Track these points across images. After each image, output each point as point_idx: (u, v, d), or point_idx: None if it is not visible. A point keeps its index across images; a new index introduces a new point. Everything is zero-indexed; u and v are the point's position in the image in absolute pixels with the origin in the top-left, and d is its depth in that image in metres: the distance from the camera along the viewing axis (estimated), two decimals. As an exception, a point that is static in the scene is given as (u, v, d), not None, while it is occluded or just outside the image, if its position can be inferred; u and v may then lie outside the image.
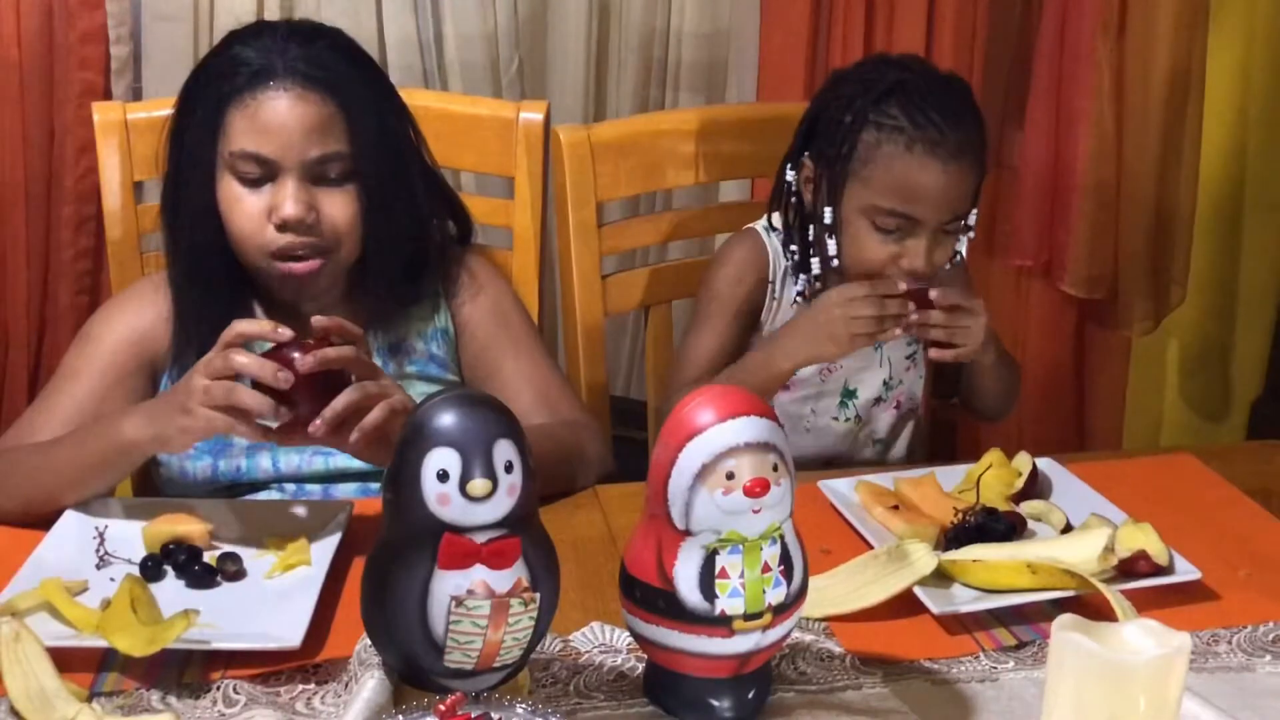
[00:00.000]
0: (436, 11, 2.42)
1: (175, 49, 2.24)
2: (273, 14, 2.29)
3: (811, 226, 1.61)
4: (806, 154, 1.62)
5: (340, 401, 1.27)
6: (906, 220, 1.54)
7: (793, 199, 1.64)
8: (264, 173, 1.43)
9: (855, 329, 1.53)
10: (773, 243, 1.68)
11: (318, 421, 1.26)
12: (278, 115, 1.42)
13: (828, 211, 1.58)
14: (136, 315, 1.52)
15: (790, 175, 1.63)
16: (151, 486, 1.59)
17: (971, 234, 1.60)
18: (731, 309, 1.67)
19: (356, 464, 1.51)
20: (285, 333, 1.28)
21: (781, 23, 2.29)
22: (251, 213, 1.43)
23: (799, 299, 1.65)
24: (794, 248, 1.64)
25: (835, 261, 1.60)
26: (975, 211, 1.59)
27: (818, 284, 1.63)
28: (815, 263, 1.62)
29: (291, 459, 1.51)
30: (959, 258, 1.62)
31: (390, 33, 2.39)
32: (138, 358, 1.51)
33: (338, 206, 1.45)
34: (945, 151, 1.52)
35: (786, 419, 1.69)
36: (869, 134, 1.55)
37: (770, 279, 1.67)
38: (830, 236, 1.59)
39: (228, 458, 1.51)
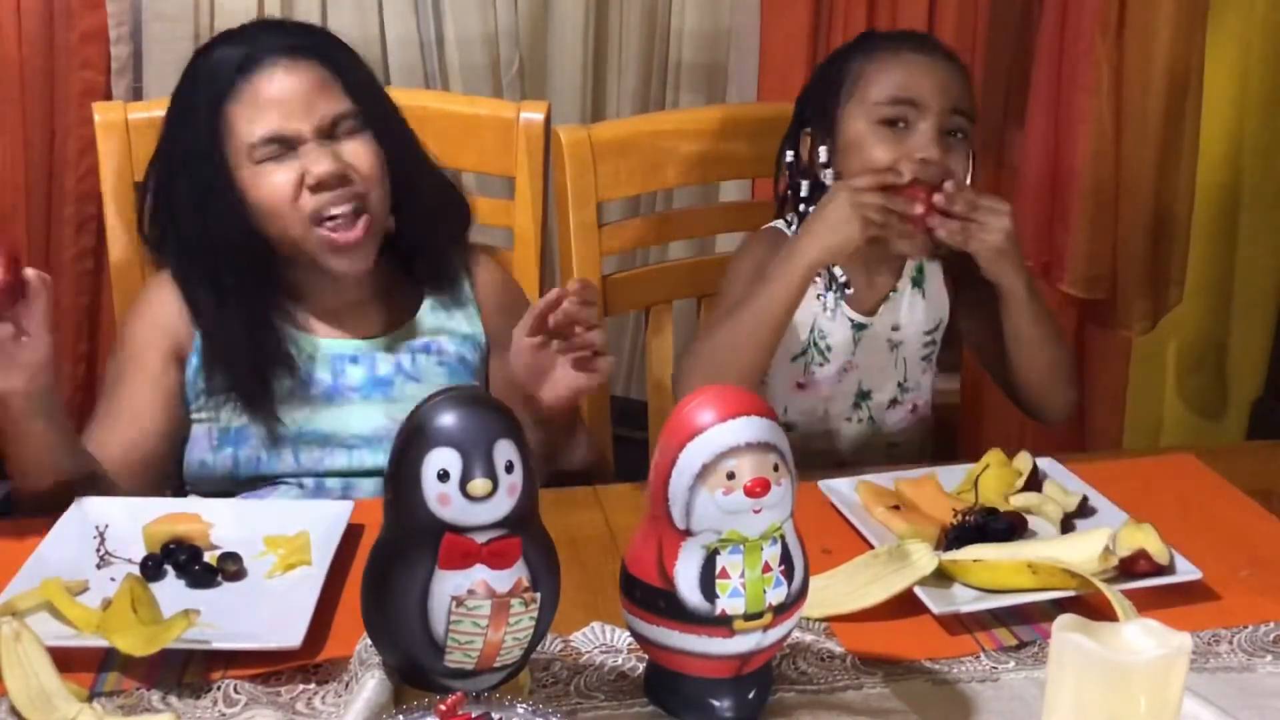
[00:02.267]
0: (437, 12, 2.42)
1: (175, 49, 2.24)
2: (273, 14, 2.29)
3: (805, 183, 1.63)
4: (802, 129, 1.65)
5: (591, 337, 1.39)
6: (909, 107, 1.56)
7: (799, 180, 1.64)
8: (284, 149, 1.46)
9: (864, 213, 1.49)
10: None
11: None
12: (278, 90, 1.46)
13: (824, 150, 1.60)
14: (154, 311, 1.54)
15: (789, 155, 1.65)
16: (175, 480, 1.59)
17: (974, 157, 1.61)
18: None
19: (376, 462, 1.52)
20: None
21: (781, 23, 2.30)
22: (284, 189, 1.46)
23: (821, 289, 1.64)
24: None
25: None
26: (973, 133, 1.60)
27: (840, 274, 1.63)
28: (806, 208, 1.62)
29: (313, 453, 1.52)
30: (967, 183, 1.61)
31: (391, 33, 2.40)
32: (165, 353, 1.53)
33: (360, 154, 1.49)
34: (930, 47, 1.60)
35: (801, 419, 1.69)
36: (855, 63, 1.60)
37: None
38: (829, 169, 1.60)
39: (249, 449, 1.52)
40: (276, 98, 1.45)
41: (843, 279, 1.64)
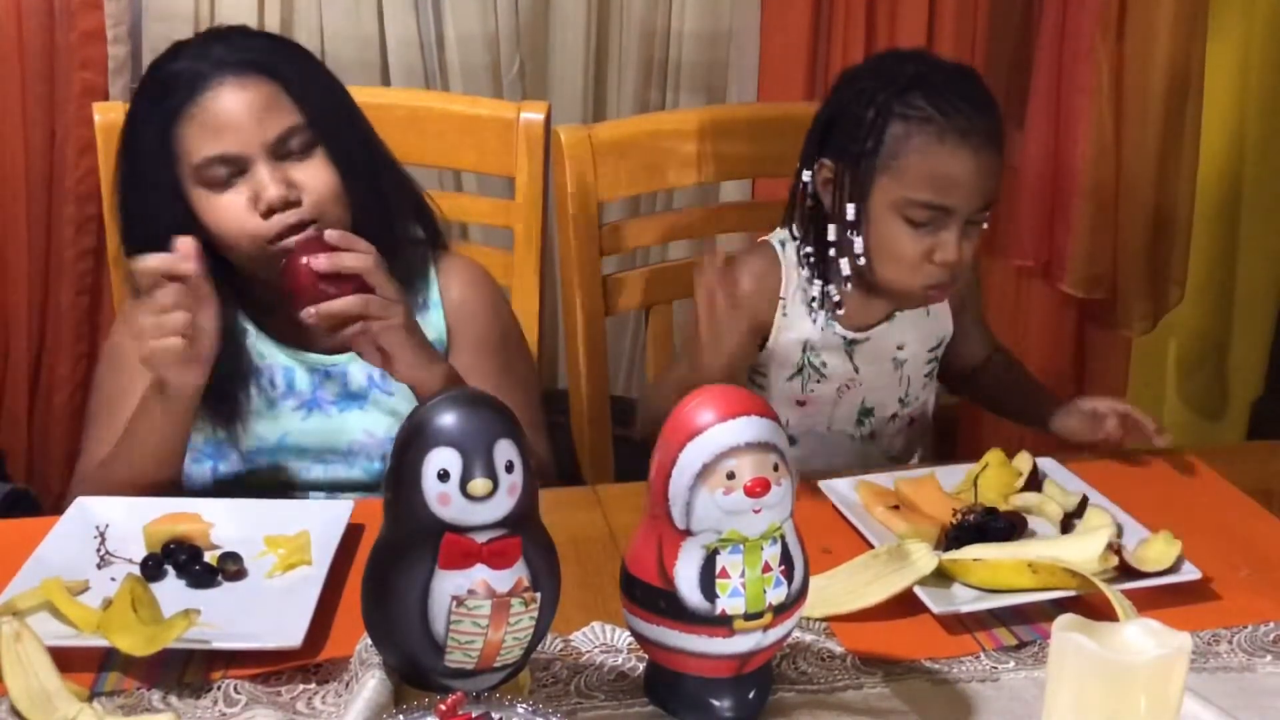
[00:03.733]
0: (437, 12, 2.42)
1: (175, 49, 2.24)
2: (272, 14, 2.30)
3: (832, 227, 1.57)
4: (824, 155, 1.58)
5: (338, 305, 1.35)
6: (940, 211, 1.52)
7: (809, 202, 1.60)
8: (233, 170, 1.42)
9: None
10: (787, 257, 1.64)
11: (312, 310, 1.35)
12: (224, 110, 1.42)
13: (850, 208, 1.55)
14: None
15: (806, 177, 1.60)
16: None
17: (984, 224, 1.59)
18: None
19: (353, 474, 1.52)
20: (187, 265, 1.33)
21: (782, 23, 2.30)
22: (234, 211, 1.43)
23: (813, 305, 1.63)
24: (810, 250, 1.61)
25: (862, 259, 1.56)
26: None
27: (847, 285, 1.60)
28: (844, 263, 1.57)
29: (291, 466, 1.52)
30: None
31: (391, 33, 2.39)
32: None
33: (313, 174, 1.45)
34: (976, 139, 1.51)
35: (803, 434, 1.69)
36: (896, 127, 1.52)
37: (782, 295, 1.64)
38: (855, 234, 1.55)
39: (228, 464, 1.52)
40: (223, 117, 1.42)
41: (835, 298, 1.61)
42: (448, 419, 0.98)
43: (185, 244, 1.34)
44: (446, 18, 2.42)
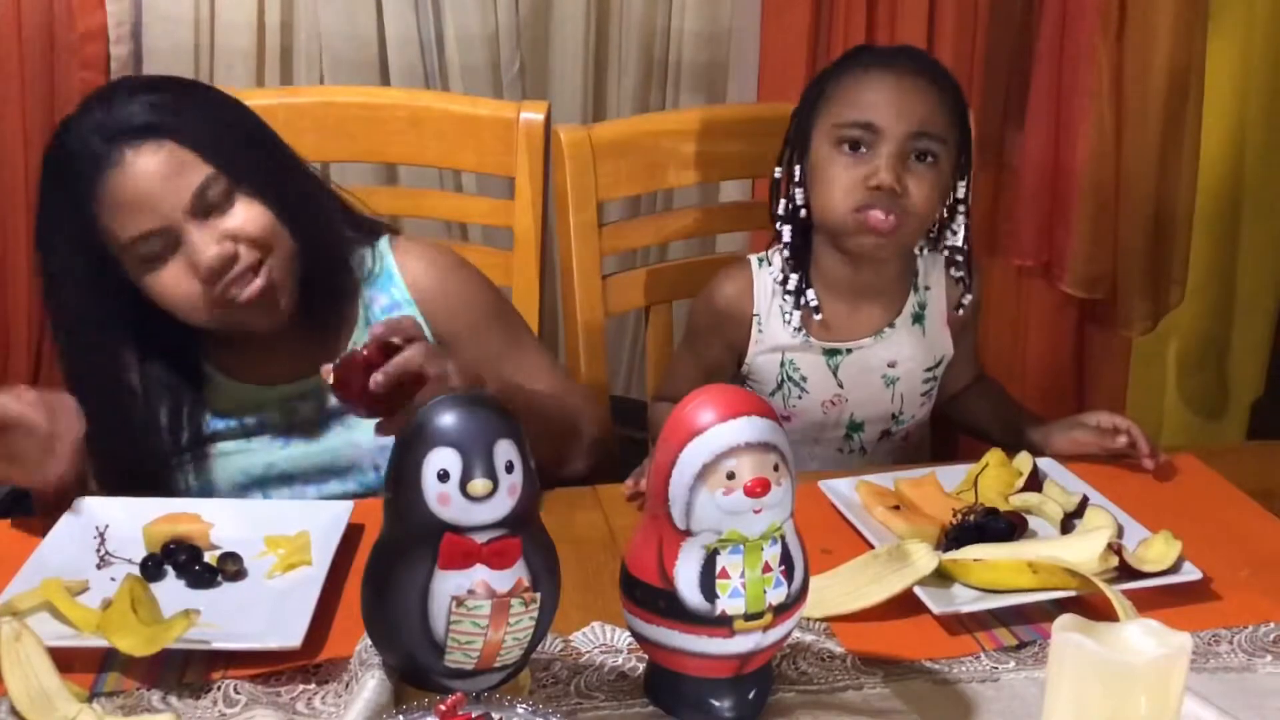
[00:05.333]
0: (437, 12, 2.42)
1: (175, 49, 2.24)
2: (272, 16, 2.29)
3: (783, 201, 1.64)
4: (787, 147, 1.65)
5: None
6: (868, 130, 1.55)
7: (782, 200, 1.64)
8: (164, 241, 1.39)
9: None
10: (761, 276, 1.66)
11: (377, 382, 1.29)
12: (134, 187, 1.37)
13: (797, 169, 1.62)
14: None
15: (776, 172, 1.65)
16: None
17: (959, 190, 1.61)
18: (711, 342, 1.68)
19: (345, 490, 1.52)
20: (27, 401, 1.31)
21: (782, 23, 2.29)
22: (179, 285, 1.40)
23: (785, 306, 1.64)
24: (784, 247, 1.64)
25: (804, 212, 1.62)
26: (962, 185, 1.61)
27: (812, 299, 1.62)
28: (786, 230, 1.63)
29: (282, 492, 1.52)
30: (969, 297, 1.67)
31: (390, 33, 2.39)
32: None
33: (243, 218, 1.40)
34: (900, 67, 1.58)
35: (791, 448, 1.68)
36: (829, 82, 1.60)
37: (755, 311, 1.66)
38: (799, 186, 1.62)
39: (218, 493, 1.51)
40: (135, 194, 1.37)
41: (814, 303, 1.62)
42: (448, 419, 0.98)
43: (29, 399, 1.32)
44: (446, 17, 2.41)
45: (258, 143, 1.47)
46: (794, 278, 1.63)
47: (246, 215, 1.41)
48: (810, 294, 1.62)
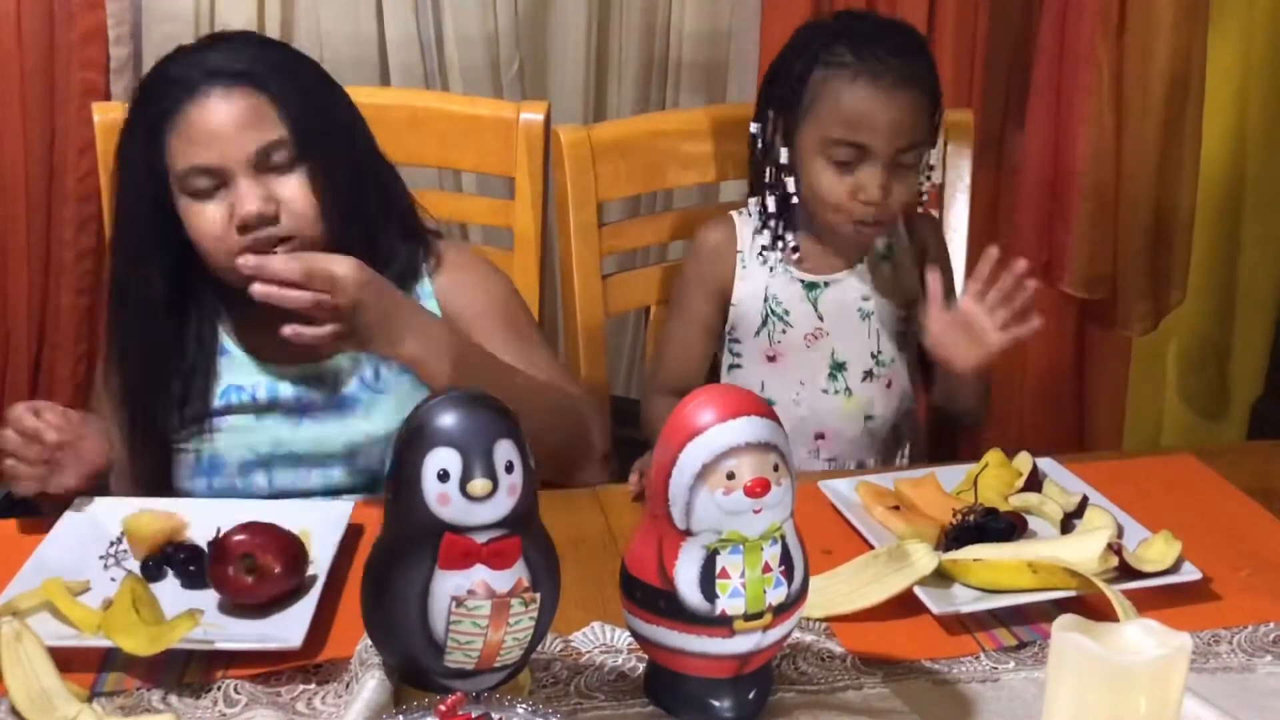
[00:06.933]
0: (437, 12, 2.42)
1: (175, 49, 2.24)
2: (272, 15, 2.30)
3: (769, 170, 1.67)
4: (767, 106, 1.67)
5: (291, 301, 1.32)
6: (857, 150, 1.59)
7: (760, 154, 1.68)
8: (215, 182, 1.42)
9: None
10: (742, 222, 1.72)
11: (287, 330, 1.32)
12: (209, 122, 1.41)
13: (784, 152, 1.64)
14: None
15: (754, 128, 1.68)
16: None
17: (933, 175, 1.67)
18: (697, 293, 1.72)
19: (350, 479, 1.52)
20: (51, 436, 1.35)
21: (781, 23, 2.29)
22: (214, 222, 1.42)
23: (764, 251, 1.69)
24: (768, 203, 1.68)
25: (795, 199, 1.65)
26: (934, 152, 1.65)
27: (776, 224, 1.67)
28: (771, 201, 1.66)
29: (287, 475, 1.52)
30: (923, 206, 1.69)
31: (390, 33, 2.39)
32: None
33: (292, 191, 1.44)
34: (889, 80, 1.58)
35: (777, 393, 1.71)
36: (817, 73, 1.61)
37: (739, 249, 1.71)
38: (788, 175, 1.64)
39: (222, 478, 1.52)
40: (207, 129, 1.41)
41: (792, 243, 1.68)
42: (448, 419, 0.98)
43: (55, 416, 1.36)
44: (446, 18, 2.42)
45: (340, 133, 1.51)
46: (769, 228, 1.69)
47: (298, 190, 1.44)
48: (790, 237, 1.69)
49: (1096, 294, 2.38)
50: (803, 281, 1.69)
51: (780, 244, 1.68)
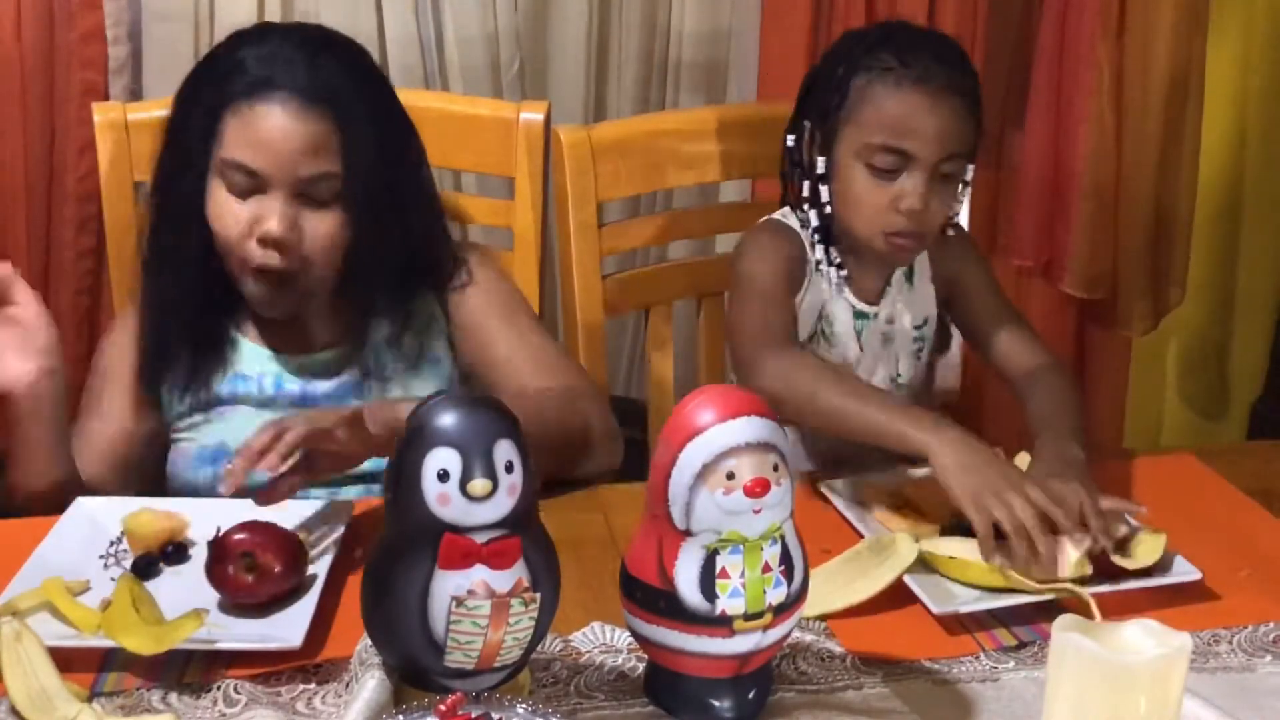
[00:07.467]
0: (437, 12, 2.42)
1: (175, 49, 2.23)
2: (273, 14, 2.29)
3: (806, 183, 1.59)
4: (804, 117, 1.60)
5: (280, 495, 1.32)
6: (900, 156, 1.52)
7: (796, 167, 1.61)
8: (253, 185, 1.41)
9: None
10: (794, 222, 1.64)
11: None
12: (272, 129, 1.40)
13: (821, 161, 1.57)
14: (129, 337, 1.55)
15: (790, 140, 1.62)
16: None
17: (968, 192, 1.59)
18: (785, 279, 1.61)
19: (352, 480, 1.52)
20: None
21: (781, 23, 2.29)
22: (237, 222, 1.42)
23: (827, 273, 1.61)
24: (810, 216, 1.60)
25: (829, 208, 1.58)
26: (972, 167, 1.58)
27: (816, 237, 1.59)
28: (813, 215, 1.59)
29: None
30: (956, 218, 1.61)
31: (390, 33, 2.39)
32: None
33: (321, 227, 1.43)
34: (935, 85, 1.52)
35: None
36: (859, 79, 1.54)
37: (807, 258, 1.62)
38: (824, 184, 1.57)
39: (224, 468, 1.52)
40: (267, 134, 1.39)
41: (844, 273, 1.61)
42: (448, 419, 0.98)
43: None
44: (446, 17, 2.41)
45: (396, 184, 1.49)
46: (820, 247, 1.61)
47: (329, 228, 1.43)
48: (833, 253, 1.61)
49: (1096, 294, 2.38)
50: (855, 310, 1.64)
51: (832, 262, 1.61)
